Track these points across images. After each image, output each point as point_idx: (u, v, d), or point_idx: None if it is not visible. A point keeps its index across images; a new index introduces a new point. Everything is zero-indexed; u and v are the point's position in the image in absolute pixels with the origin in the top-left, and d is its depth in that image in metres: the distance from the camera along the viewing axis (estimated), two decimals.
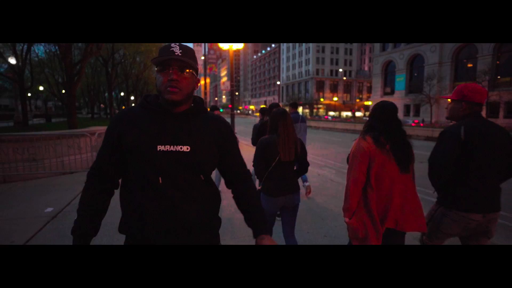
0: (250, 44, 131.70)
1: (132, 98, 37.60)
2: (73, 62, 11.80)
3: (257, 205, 1.29)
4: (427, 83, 39.21)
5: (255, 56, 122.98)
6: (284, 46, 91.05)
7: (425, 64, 44.12)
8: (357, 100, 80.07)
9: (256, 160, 2.38)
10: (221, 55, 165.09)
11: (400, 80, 49.35)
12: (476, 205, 1.77)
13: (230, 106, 12.28)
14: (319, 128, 33.49)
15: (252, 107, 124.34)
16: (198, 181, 1.15)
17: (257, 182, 2.65)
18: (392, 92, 51.99)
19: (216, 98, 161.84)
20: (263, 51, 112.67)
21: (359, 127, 28.39)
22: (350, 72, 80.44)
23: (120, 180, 1.23)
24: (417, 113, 45.29)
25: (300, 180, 5.40)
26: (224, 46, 12.21)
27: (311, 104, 75.40)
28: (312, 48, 75.88)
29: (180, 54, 1.07)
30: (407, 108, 47.45)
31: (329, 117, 58.22)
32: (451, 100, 1.94)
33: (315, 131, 29.65)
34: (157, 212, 1.09)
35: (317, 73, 76.94)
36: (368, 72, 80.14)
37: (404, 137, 1.89)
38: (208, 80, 22.87)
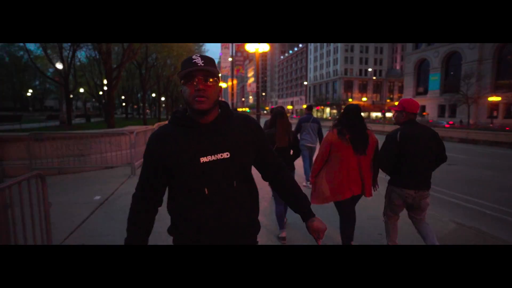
0: (277, 45, 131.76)
1: (163, 99, 39.38)
2: (112, 67, 12.88)
3: (299, 192, 1.32)
4: (465, 82, 37.12)
5: (282, 57, 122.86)
6: (311, 46, 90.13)
7: (463, 62, 41.77)
8: (388, 100, 77.28)
9: None
10: (248, 56, 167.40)
11: (435, 79, 47.10)
12: (410, 184, 2.56)
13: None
14: None
15: None
16: (240, 184, 1.19)
17: None
18: (425, 92, 49.75)
19: (243, 99, 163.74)
20: (290, 51, 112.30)
21: (389, 128, 27.62)
22: (380, 71, 77.88)
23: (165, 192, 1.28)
24: (452, 114, 43.01)
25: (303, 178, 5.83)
26: (250, 49, 12.67)
27: (338, 104, 74.02)
28: (340, 48, 74.46)
29: (202, 64, 1.10)
30: (441, 108, 45.25)
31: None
32: (395, 110, 2.62)
33: None
34: (207, 220, 1.15)
35: (346, 73, 75.35)
36: (399, 71, 77.07)
37: (364, 130, 2.61)
38: (235, 82, 23.55)
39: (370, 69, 75.76)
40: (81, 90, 42.43)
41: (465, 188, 6.55)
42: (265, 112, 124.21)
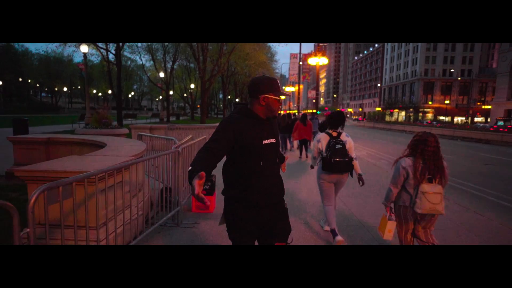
0: (351, 45, 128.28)
1: (237, 100, 44.48)
2: (206, 79, 17.11)
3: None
4: None
5: (356, 57, 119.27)
6: (388, 45, 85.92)
7: None
8: (478, 103, 68.92)
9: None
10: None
11: None
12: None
13: (326, 108, 15.72)
14: (413, 132, 32.41)
15: (350, 109, 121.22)
16: (278, 162, 1.81)
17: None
18: None
19: (313, 101, 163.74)
20: (365, 52, 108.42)
21: (459, 133, 26.56)
22: (469, 71, 69.90)
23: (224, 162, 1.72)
24: None
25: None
26: (311, 62, 15.35)
27: (416, 107, 69.31)
28: (420, 47, 69.62)
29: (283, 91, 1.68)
30: None
31: (434, 122, 52.99)
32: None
33: (410, 135, 29.25)
34: (259, 183, 1.66)
35: (426, 74, 70.07)
36: (496, 70, 67.79)
37: (306, 120, 8.30)
38: (301, 87, 26.32)
39: (452, 70, 68.84)
40: (171, 92, 50.77)
41: None
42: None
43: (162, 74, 31.00)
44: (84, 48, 16.90)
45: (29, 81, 63.07)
